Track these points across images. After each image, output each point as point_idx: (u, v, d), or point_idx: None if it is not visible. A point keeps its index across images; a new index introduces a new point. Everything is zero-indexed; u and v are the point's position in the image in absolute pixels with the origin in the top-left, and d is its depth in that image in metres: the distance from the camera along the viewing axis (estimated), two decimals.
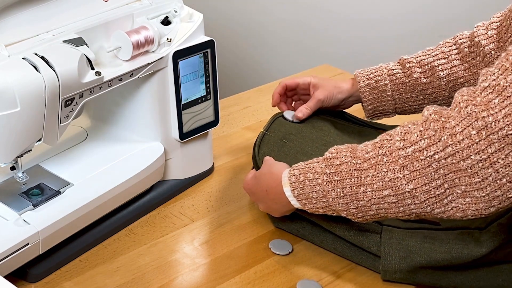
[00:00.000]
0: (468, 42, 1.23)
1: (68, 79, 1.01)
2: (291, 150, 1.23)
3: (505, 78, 0.85)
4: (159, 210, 1.23)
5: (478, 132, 0.85)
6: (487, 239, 1.02)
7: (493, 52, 1.19)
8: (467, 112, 0.86)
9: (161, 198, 1.24)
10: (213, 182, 1.30)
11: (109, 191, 1.13)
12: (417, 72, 1.26)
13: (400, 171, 0.92)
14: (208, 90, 1.24)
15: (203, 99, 1.24)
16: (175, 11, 1.17)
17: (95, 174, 1.15)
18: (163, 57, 1.15)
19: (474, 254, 1.02)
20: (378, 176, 0.94)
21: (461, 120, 0.87)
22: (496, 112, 0.84)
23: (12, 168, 1.09)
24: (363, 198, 0.96)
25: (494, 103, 0.85)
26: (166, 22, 1.17)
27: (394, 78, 1.27)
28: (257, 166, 1.19)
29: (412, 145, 0.91)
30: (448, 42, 1.27)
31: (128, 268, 1.09)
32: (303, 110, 1.29)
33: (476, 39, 1.21)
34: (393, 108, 1.29)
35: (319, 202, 1.01)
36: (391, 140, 0.95)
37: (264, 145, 1.23)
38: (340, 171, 0.98)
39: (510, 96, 0.84)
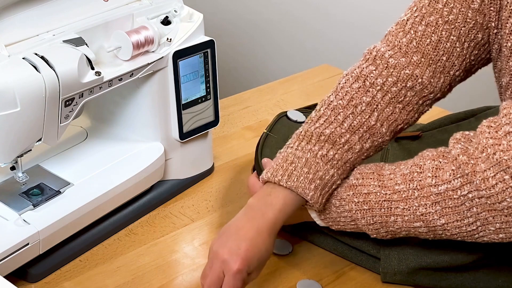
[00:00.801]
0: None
1: (68, 79, 1.01)
2: None
3: None
4: (159, 210, 1.23)
5: (511, 177, 0.86)
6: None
7: None
8: (496, 159, 0.86)
9: (161, 198, 1.24)
10: (213, 182, 1.30)
11: (109, 191, 1.13)
12: (354, 139, 1.03)
13: (432, 207, 0.93)
14: (208, 90, 1.24)
15: (203, 99, 1.24)
16: (175, 11, 1.17)
17: (95, 174, 1.15)
18: (163, 57, 1.15)
19: (474, 256, 1.02)
20: (409, 210, 0.95)
21: (492, 166, 0.87)
22: None
23: (12, 168, 1.09)
24: (393, 226, 0.97)
25: None
26: (166, 22, 1.17)
27: (334, 162, 1.01)
28: (259, 168, 1.18)
29: (444, 183, 0.91)
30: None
31: (128, 268, 1.09)
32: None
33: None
34: (340, 181, 1.02)
35: (348, 225, 1.02)
36: (421, 173, 0.94)
37: (266, 146, 1.23)
38: (369, 201, 0.98)
39: None
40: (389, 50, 1.05)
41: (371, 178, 0.98)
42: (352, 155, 1.02)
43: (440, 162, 0.93)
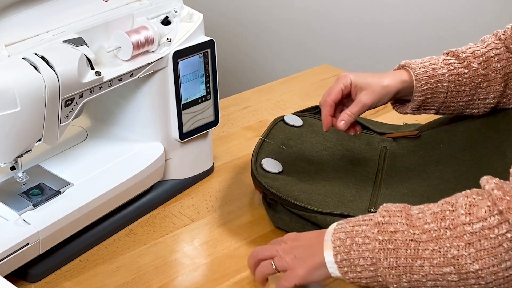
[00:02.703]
0: None
1: (68, 79, 1.01)
2: (289, 156, 1.23)
3: None
4: (159, 210, 1.23)
5: None
6: None
7: None
8: None
9: (161, 198, 1.24)
10: (213, 182, 1.30)
11: (109, 191, 1.13)
12: (475, 63, 1.16)
13: (465, 249, 0.84)
14: (208, 90, 1.24)
15: (203, 99, 1.24)
16: (175, 11, 1.17)
17: (95, 174, 1.15)
18: (163, 57, 1.15)
19: None
20: (439, 251, 0.86)
21: None
22: None
23: (12, 168, 1.09)
24: (418, 272, 0.88)
25: None
26: (166, 22, 1.17)
27: (452, 68, 1.15)
28: (253, 176, 1.18)
29: (480, 221, 0.84)
30: (493, 36, 1.19)
31: (128, 268, 1.09)
32: (345, 118, 1.13)
33: None
34: (442, 102, 1.16)
35: (365, 271, 0.91)
36: (454, 212, 0.86)
37: (262, 152, 1.23)
38: (395, 239, 0.89)
39: None
40: None
41: (398, 216, 0.90)
42: (468, 71, 1.15)
43: (474, 199, 0.86)
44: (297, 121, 1.31)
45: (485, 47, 1.17)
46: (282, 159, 1.22)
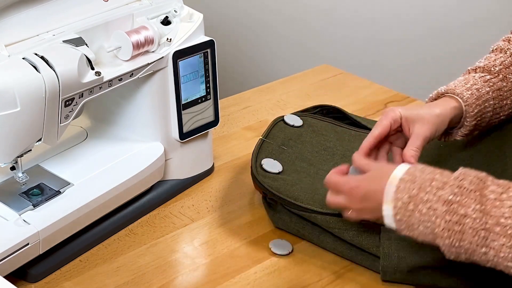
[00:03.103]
0: None
1: (68, 79, 1.01)
2: (289, 156, 1.23)
3: None
4: (159, 210, 1.23)
5: None
6: None
7: None
8: None
9: (161, 198, 1.24)
10: (213, 182, 1.30)
11: (109, 191, 1.13)
12: (509, 74, 1.11)
13: None
14: (208, 90, 1.24)
15: (203, 99, 1.24)
16: (175, 11, 1.17)
17: (95, 174, 1.15)
18: (163, 57, 1.15)
19: None
20: (510, 248, 0.84)
21: None
22: None
23: (12, 168, 1.09)
24: (480, 257, 0.86)
25: None
26: (166, 22, 1.17)
27: (491, 84, 1.10)
28: (253, 176, 1.18)
29: None
30: (507, 43, 1.14)
31: (128, 268, 1.09)
32: (414, 154, 1.03)
33: None
34: (487, 121, 1.11)
35: (423, 234, 0.90)
36: None
37: (262, 152, 1.23)
38: (464, 224, 0.86)
39: None
40: None
41: (472, 199, 0.86)
42: (506, 84, 1.10)
43: None
44: (297, 121, 1.31)
45: (510, 56, 1.13)
46: (282, 159, 1.22)
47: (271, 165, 1.20)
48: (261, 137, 1.26)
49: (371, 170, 0.97)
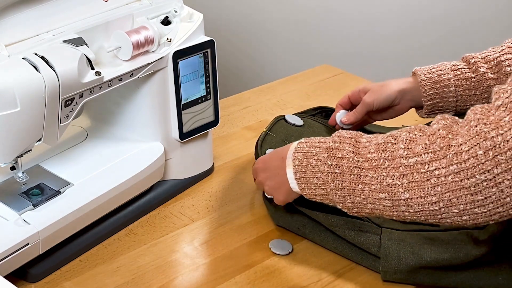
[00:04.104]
0: None
1: (68, 79, 1.01)
2: None
3: None
4: (159, 210, 1.23)
5: (485, 153, 0.84)
6: (486, 238, 1.02)
7: None
8: (476, 131, 0.85)
9: (161, 198, 1.24)
10: (213, 182, 1.30)
11: (109, 191, 1.13)
12: (483, 67, 1.21)
13: (399, 179, 0.92)
14: (208, 90, 1.24)
15: (203, 99, 1.24)
16: (175, 11, 1.18)
17: (95, 174, 1.15)
18: (163, 57, 1.15)
19: (474, 253, 1.02)
20: (377, 179, 0.94)
21: (469, 139, 0.85)
22: (506, 131, 0.82)
23: (12, 168, 1.09)
24: (360, 195, 0.96)
25: (504, 121, 0.83)
26: (166, 22, 1.17)
27: (459, 73, 1.22)
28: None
29: (415, 156, 0.90)
30: (510, 41, 1.22)
31: (128, 268, 1.09)
32: (349, 115, 1.28)
33: None
34: (454, 105, 1.24)
35: (318, 189, 1.01)
36: (395, 145, 0.93)
37: (266, 144, 1.23)
38: (341, 165, 0.97)
39: None
40: None
41: (347, 143, 0.98)
42: (476, 75, 1.21)
43: (416, 135, 0.92)
44: (298, 121, 1.31)
45: (499, 52, 1.21)
46: None
47: None
48: (264, 130, 1.26)
49: None
